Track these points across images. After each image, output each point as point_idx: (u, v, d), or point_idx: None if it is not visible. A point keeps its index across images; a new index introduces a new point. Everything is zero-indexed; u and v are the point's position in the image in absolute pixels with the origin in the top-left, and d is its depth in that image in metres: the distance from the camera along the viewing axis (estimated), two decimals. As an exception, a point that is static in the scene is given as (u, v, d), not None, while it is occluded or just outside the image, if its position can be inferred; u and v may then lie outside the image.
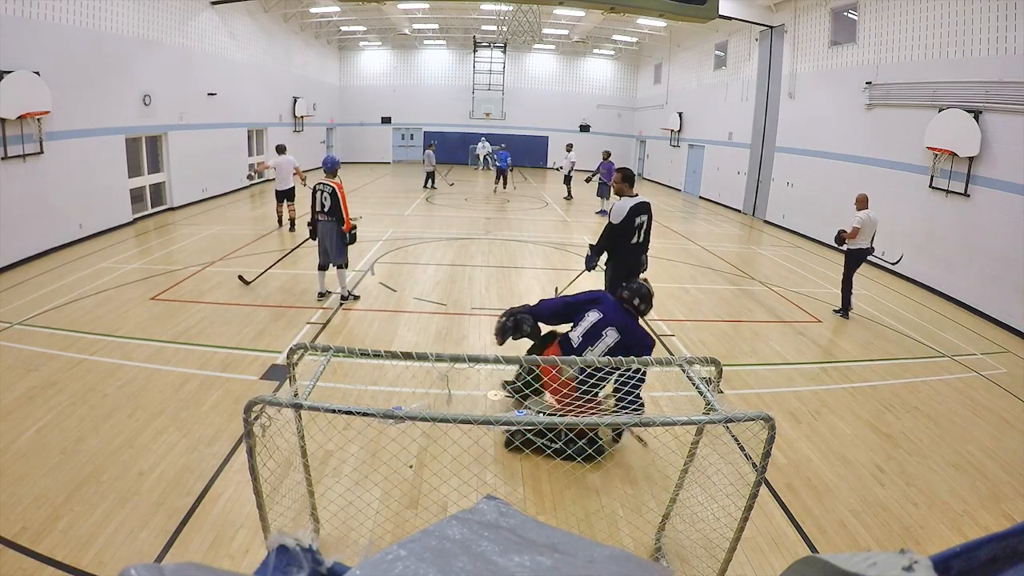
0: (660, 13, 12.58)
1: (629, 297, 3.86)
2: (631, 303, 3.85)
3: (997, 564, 0.53)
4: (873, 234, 7.17)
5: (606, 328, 3.71)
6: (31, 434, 3.83)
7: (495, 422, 2.20)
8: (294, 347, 2.53)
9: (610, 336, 3.70)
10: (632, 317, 3.84)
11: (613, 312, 3.78)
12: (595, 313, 3.75)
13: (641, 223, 5.37)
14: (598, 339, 3.70)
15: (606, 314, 3.74)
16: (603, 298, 3.89)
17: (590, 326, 3.73)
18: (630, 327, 3.75)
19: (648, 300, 3.89)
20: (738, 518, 2.43)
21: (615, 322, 3.72)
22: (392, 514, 3.23)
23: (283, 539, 0.77)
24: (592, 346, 3.70)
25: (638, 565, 0.90)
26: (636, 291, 3.87)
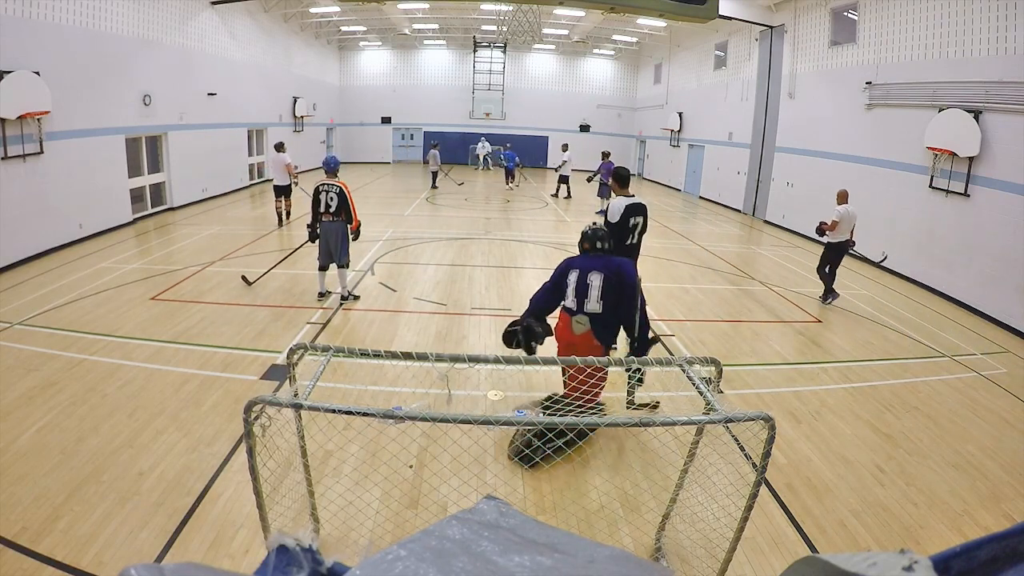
0: (660, 13, 12.58)
1: (591, 246, 4.08)
2: (596, 249, 4.07)
3: (997, 564, 0.53)
4: (852, 228, 7.52)
5: (588, 276, 3.92)
6: (31, 434, 3.83)
7: (495, 422, 2.20)
8: (294, 347, 2.54)
9: (595, 280, 3.91)
10: (603, 256, 4.05)
11: (587, 263, 4.00)
12: (574, 273, 3.97)
13: (636, 224, 5.37)
14: (587, 289, 3.91)
15: (582, 267, 3.97)
16: (571, 260, 4.11)
17: (575, 285, 3.94)
18: (608, 264, 3.97)
19: (606, 238, 4.10)
20: (738, 518, 2.43)
21: (592, 267, 3.94)
22: (392, 514, 3.23)
23: (283, 539, 0.77)
24: (587, 298, 3.91)
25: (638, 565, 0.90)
26: (592, 237, 4.08)
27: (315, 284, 7.13)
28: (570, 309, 3.99)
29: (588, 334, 3.92)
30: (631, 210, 5.32)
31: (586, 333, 3.92)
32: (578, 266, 4.02)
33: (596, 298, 3.91)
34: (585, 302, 3.93)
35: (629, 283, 3.94)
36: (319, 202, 6.45)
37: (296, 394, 2.42)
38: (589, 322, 3.92)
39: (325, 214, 6.44)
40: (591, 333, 3.92)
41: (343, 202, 6.41)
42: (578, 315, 3.93)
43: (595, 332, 3.92)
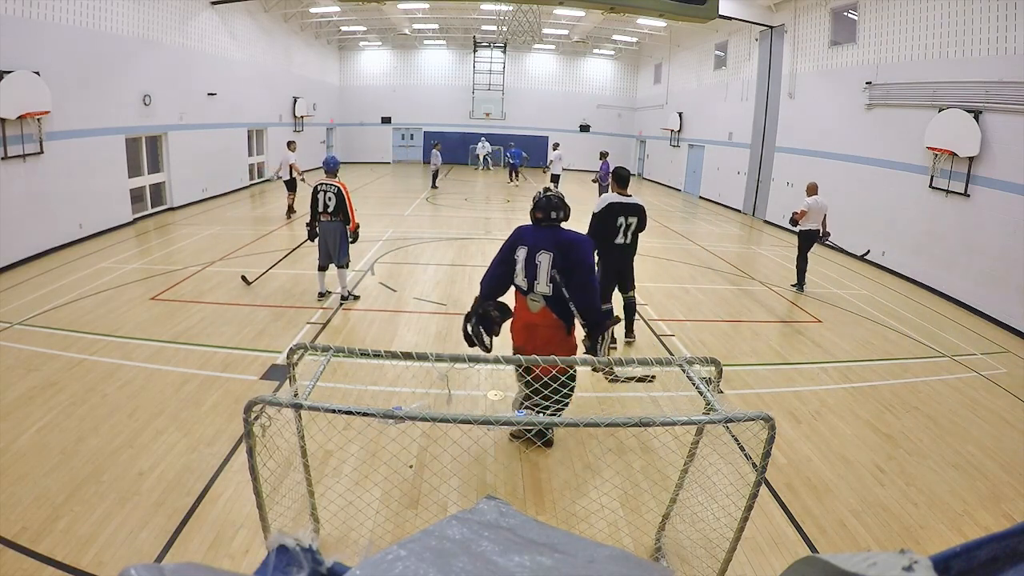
0: (660, 13, 12.59)
1: (544, 216, 3.71)
2: (549, 219, 3.71)
3: (997, 564, 0.53)
4: (823, 218, 8.15)
5: (536, 255, 3.63)
6: (31, 434, 3.83)
7: (495, 422, 2.20)
8: (294, 347, 2.53)
9: (544, 259, 3.61)
10: (554, 229, 3.72)
11: (534, 237, 3.68)
12: (522, 250, 3.67)
13: (627, 224, 5.34)
14: (536, 269, 3.63)
15: (530, 243, 3.66)
16: (521, 231, 3.78)
17: (524, 263, 3.66)
18: (558, 239, 3.65)
19: (560, 207, 3.73)
20: (738, 518, 2.43)
21: (541, 244, 3.63)
22: (392, 514, 3.23)
23: (283, 539, 0.77)
24: (536, 279, 3.65)
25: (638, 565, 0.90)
26: (545, 206, 3.70)
27: (315, 284, 7.13)
28: (521, 288, 3.73)
29: (545, 310, 3.69)
30: (619, 208, 5.32)
31: (543, 310, 3.69)
32: (527, 242, 3.68)
33: (545, 280, 3.64)
34: (535, 283, 3.66)
35: (579, 262, 3.60)
36: (317, 202, 6.47)
37: (296, 394, 2.42)
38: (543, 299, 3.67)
39: (323, 214, 6.45)
40: (548, 309, 3.68)
41: (341, 202, 6.42)
42: (531, 294, 3.69)
43: (552, 309, 3.67)
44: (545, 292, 3.64)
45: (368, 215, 12.92)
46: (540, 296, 3.66)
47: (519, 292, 3.78)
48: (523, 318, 3.78)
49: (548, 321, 3.71)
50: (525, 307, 3.75)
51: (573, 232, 3.75)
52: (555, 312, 3.68)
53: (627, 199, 5.40)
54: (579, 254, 3.62)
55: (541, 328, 3.72)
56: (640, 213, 5.41)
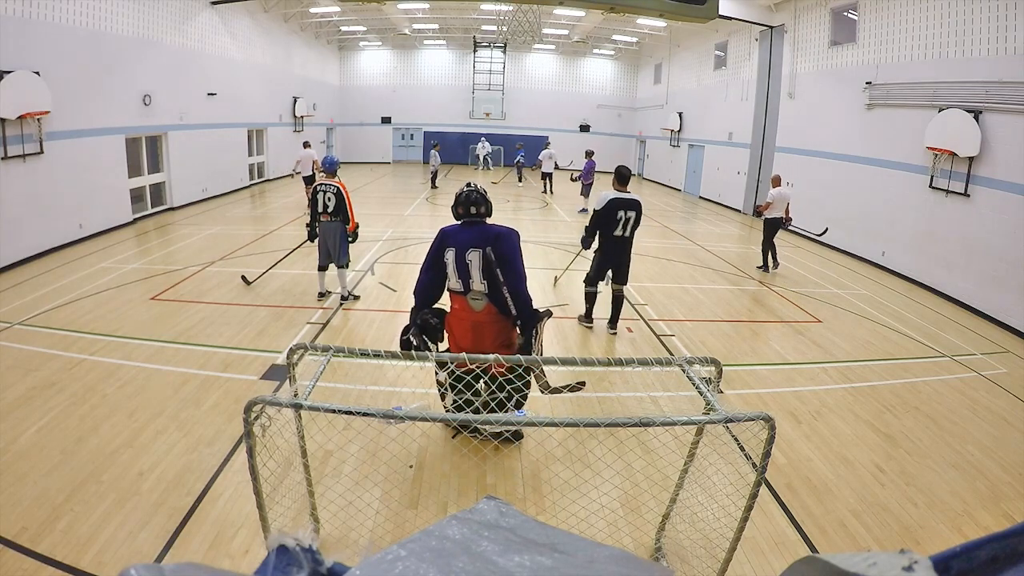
0: (660, 13, 12.59)
1: (464, 211, 3.66)
2: (470, 215, 3.66)
3: (997, 564, 0.53)
4: (787, 206, 9.10)
5: (466, 254, 3.54)
6: (31, 434, 3.83)
7: (495, 422, 2.20)
8: (294, 347, 2.53)
9: (474, 258, 3.54)
10: (479, 225, 3.65)
11: (460, 237, 3.59)
12: (450, 252, 3.58)
13: (627, 218, 5.68)
14: (468, 268, 3.56)
15: (456, 244, 3.57)
16: (445, 233, 3.67)
17: (454, 264, 3.57)
18: (486, 235, 3.57)
19: (481, 201, 3.67)
20: (738, 518, 2.43)
21: (469, 243, 3.55)
22: (392, 514, 3.23)
23: (283, 539, 0.77)
24: (470, 278, 3.58)
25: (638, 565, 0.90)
26: (465, 200, 3.66)
27: (315, 284, 7.13)
28: (457, 290, 3.65)
29: (489, 306, 3.63)
30: (618, 203, 5.64)
31: (487, 306, 3.63)
32: (453, 243, 3.58)
33: (479, 278, 3.57)
34: (470, 282, 3.59)
35: (510, 255, 3.55)
36: (317, 202, 6.47)
37: (296, 394, 2.42)
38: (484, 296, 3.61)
39: (323, 214, 6.46)
40: (492, 305, 3.63)
41: (341, 202, 6.43)
42: (470, 293, 3.61)
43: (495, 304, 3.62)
44: (482, 290, 3.58)
45: (368, 215, 12.92)
46: (480, 294, 3.60)
47: (456, 295, 3.69)
48: (467, 319, 3.67)
49: (494, 317, 3.66)
50: (466, 308, 3.66)
51: (498, 226, 3.68)
52: (498, 307, 3.63)
53: (627, 195, 5.72)
54: (508, 247, 3.56)
55: (488, 325, 3.65)
56: (638, 208, 5.73)
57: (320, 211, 6.46)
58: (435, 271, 3.67)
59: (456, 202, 3.70)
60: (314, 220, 6.55)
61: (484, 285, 3.56)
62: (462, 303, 3.67)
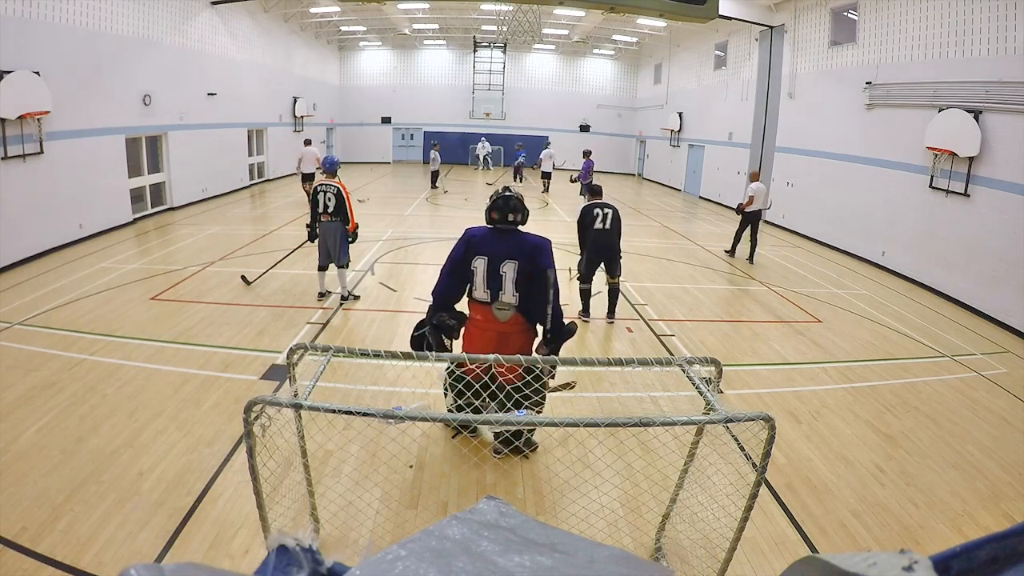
0: (660, 13, 12.58)
1: (501, 217, 3.47)
2: (507, 222, 3.48)
3: (997, 564, 0.53)
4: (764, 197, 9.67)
5: (501, 265, 3.38)
6: (31, 434, 3.83)
7: (495, 422, 2.20)
8: (294, 347, 2.53)
9: (509, 271, 3.38)
10: (514, 234, 3.50)
11: (494, 245, 3.42)
12: (480, 261, 3.39)
13: (604, 213, 6.36)
14: (500, 280, 3.39)
15: (491, 253, 3.40)
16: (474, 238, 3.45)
17: (484, 274, 3.40)
18: (521, 247, 3.42)
19: (519, 208, 3.50)
20: (738, 518, 2.43)
21: (504, 255, 3.39)
22: (392, 514, 3.23)
23: (283, 539, 0.77)
24: (501, 289, 3.41)
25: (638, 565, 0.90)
26: (503, 206, 3.45)
27: (315, 284, 7.13)
28: (481, 300, 3.47)
29: (516, 316, 3.49)
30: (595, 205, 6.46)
31: (513, 316, 3.48)
32: (486, 251, 3.40)
33: (511, 290, 3.40)
34: (500, 294, 3.42)
35: (542, 268, 3.40)
36: (317, 202, 6.48)
37: (296, 394, 2.42)
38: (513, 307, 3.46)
39: (323, 214, 6.46)
40: (519, 315, 3.49)
41: (341, 203, 6.45)
42: (496, 303, 3.44)
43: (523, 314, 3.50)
44: (512, 303, 3.43)
45: (368, 215, 12.92)
46: (508, 305, 3.44)
47: (479, 304, 3.51)
48: (491, 329, 3.49)
49: (520, 328, 3.53)
50: (490, 318, 3.48)
51: (535, 236, 3.52)
52: (525, 317, 3.50)
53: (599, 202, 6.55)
54: (545, 259, 3.43)
55: (513, 336, 3.50)
56: (614, 208, 6.44)
57: (320, 211, 6.47)
58: (457, 277, 3.50)
59: (493, 207, 3.50)
60: (314, 220, 6.55)
61: (516, 297, 3.41)
62: (485, 313, 3.49)
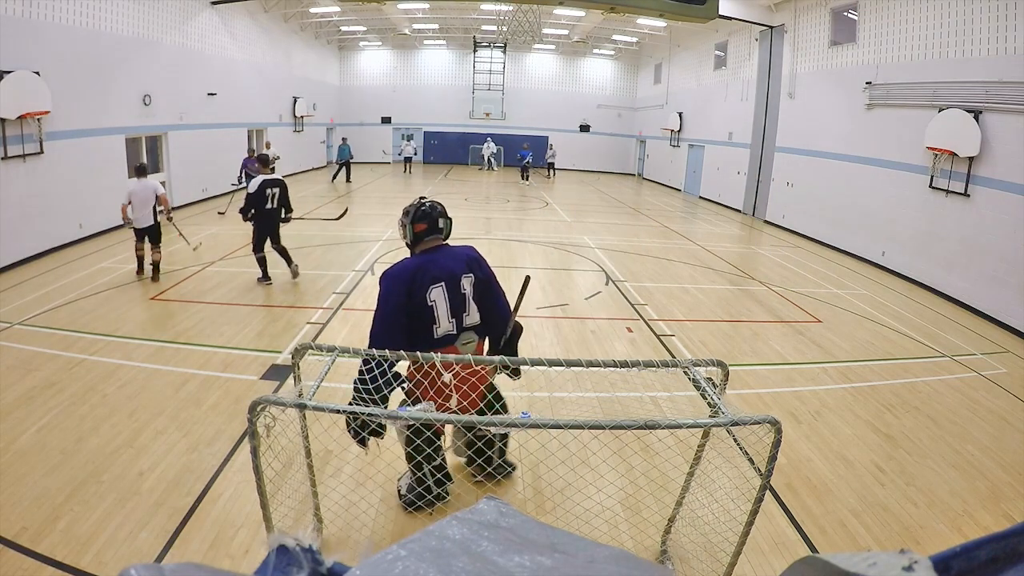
0: (660, 13, 12.60)
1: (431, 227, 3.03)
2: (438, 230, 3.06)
3: (997, 564, 0.53)
4: None
5: (460, 281, 2.96)
6: (31, 434, 3.83)
7: (498, 423, 2.20)
8: (299, 347, 2.53)
9: (468, 285, 2.99)
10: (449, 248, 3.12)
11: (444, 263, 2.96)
12: (437, 289, 2.88)
13: (273, 194, 7.01)
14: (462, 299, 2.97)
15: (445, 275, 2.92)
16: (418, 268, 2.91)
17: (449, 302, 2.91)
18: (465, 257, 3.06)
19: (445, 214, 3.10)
20: (741, 521, 2.43)
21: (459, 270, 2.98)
22: (392, 514, 3.23)
23: (283, 539, 0.77)
24: (466, 311, 2.99)
25: (638, 565, 0.90)
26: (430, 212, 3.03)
27: (315, 284, 7.15)
28: (449, 337, 2.94)
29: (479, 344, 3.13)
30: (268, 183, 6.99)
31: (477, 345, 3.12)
32: (438, 273, 2.90)
33: (474, 308, 3.02)
34: (464, 316, 2.98)
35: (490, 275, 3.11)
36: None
37: (301, 394, 2.42)
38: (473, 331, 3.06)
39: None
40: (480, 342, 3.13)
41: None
42: (461, 337, 2.98)
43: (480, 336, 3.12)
44: (475, 322, 3.02)
45: (368, 215, 12.93)
46: (471, 332, 3.03)
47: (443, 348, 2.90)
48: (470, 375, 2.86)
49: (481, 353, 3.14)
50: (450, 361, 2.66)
51: (463, 246, 3.18)
52: (482, 337, 3.12)
53: (272, 176, 7.14)
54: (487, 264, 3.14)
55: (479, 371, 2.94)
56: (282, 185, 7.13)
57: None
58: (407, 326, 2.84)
59: (420, 216, 3.01)
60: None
61: (478, 314, 3.03)
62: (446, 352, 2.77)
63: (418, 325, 2.88)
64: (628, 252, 10.34)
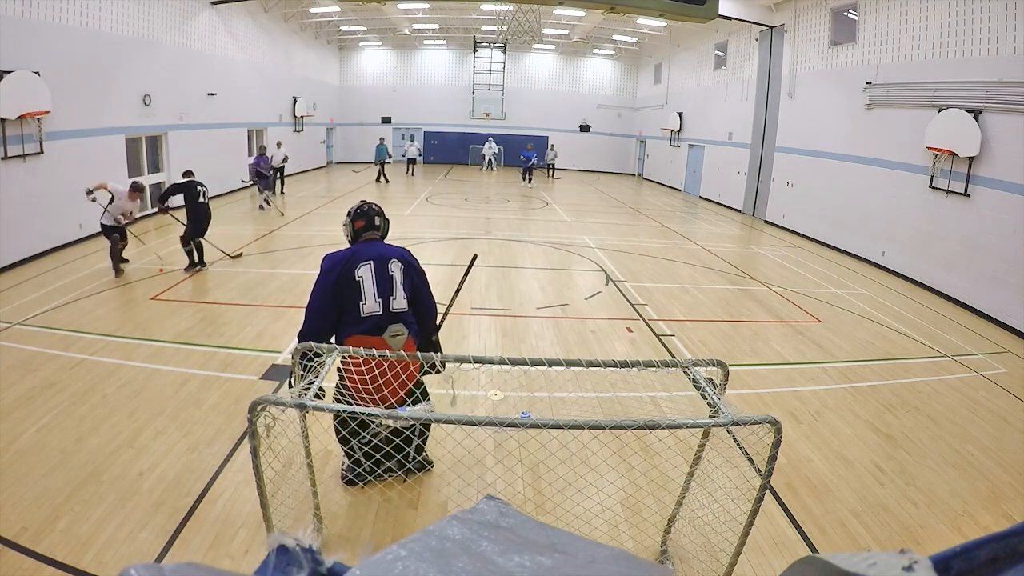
0: (660, 13, 12.60)
1: (367, 224, 3.30)
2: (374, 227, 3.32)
3: (997, 564, 0.53)
4: None
5: (388, 264, 3.11)
6: (31, 434, 3.83)
7: (499, 423, 2.20)
8: (299, 347, 2.53)
9: (396, 270, 3.12)
10: (387, 245, 3.33)
11: (376, 249, 3.16)
12: (366, 267, 3.05)
13: (203, 190, 7.84)
14: (389, 283, 3.09)
15: (375, 256, 3.11)
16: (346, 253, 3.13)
17: (375, 281, 3.05)
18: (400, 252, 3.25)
19: (382, 213, 3.38)
20: (742, 522, 2.43)
21: (389, 254, 3.16)
22: (392, 514, 3.23)
23: (283, 539, 0.77)
24: (393, 295, 3.09)
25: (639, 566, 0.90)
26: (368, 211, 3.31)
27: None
28: (374, 320, 3.03)
29: (409, 339, 3.13)
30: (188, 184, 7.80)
31: (408, 340, 3.12)
32: (368, 255, 3.07)
33: (402, 294, 3.10)
34: (392, 300, 3.07)
35: (419, 270, 3.29)
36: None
37: (300, 394, 2.42)
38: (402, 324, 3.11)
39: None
40: (410, 336, 3.15)
41: None
42: (389, 329, 3.04)
43: (410, 332, 3.16)
44: (402, 307, 3.11)
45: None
46: (400, 326, 3.08)
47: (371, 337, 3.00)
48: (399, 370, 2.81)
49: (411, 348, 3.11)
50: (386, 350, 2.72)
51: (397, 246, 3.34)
52: (412, 334, 3.17)
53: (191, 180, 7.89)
54: (413, 258, 3.31)
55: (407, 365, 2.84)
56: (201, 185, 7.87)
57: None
58: (337, 300, 3.04)
59: (358, 215, 3.30)
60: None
61: (405, 301, 3.13)
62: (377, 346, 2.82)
63: (346, 300, 3.06)
64: (628, 252, 10.34)
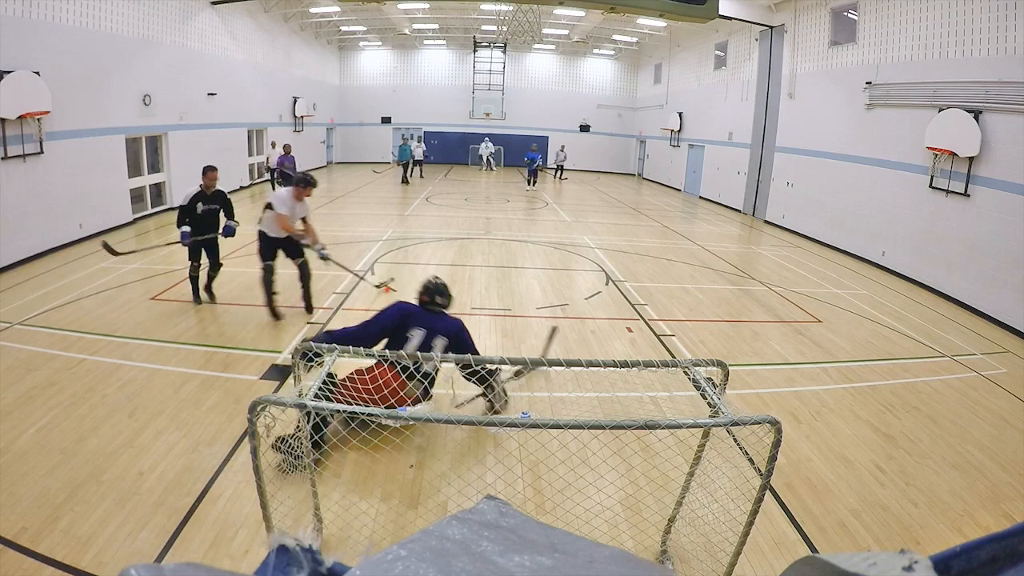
0: (660, 13, 12.59)
1: (430, 299, 4.07)
2: (435, 303, 4.07)
3: (997, 564, 0.53)
4: None
5: (434, 339, 3.88)
6: (31, 434, 3.83)
7: (499, 424, 2.20)
8: (299, 347, 2.53)
9: (439, 343, 3.88)
10: (442, 317, 4.06)
11: (430, 321, 3.96)
12: (418, 333, 3.88)
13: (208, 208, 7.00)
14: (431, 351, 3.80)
15: (428, 327, 3.92)
16: (408, 311, 3.97)
17: (420, 344, 3.86)
18: (447, 326, 3.99)
19: (446, 292, 4.11)
20: (742, 522, 2.43)
21: (438, 330, 3.93)
22: (392, 514, 3.23)
23: (283, 539, 0.77)
24: None
25: (638, 566, 0.90)
26: (433, 289, 4.09)
27: (315, 285, 7.07)
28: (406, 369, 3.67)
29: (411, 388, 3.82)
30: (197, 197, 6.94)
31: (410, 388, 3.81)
32: (423, 324, 3.92)
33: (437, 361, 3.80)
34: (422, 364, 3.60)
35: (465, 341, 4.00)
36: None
37: (300, 394, 2.42)
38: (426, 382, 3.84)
39: None
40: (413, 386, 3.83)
41: None
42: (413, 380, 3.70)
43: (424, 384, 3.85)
44: (429, 371, 3.75)
45: (368, 215, 12.95)
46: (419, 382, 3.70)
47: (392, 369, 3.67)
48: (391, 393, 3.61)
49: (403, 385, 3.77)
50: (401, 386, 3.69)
51: (454, 318, 4.10)
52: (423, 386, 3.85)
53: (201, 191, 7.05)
54: (468, 336, 4.04)
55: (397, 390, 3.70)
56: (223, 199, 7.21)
57: None
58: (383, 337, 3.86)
59: (424, 290, 4.09)
60: None
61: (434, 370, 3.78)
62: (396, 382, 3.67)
63: (392, 342, 3.85)
64: (628, 252, 10.34)
